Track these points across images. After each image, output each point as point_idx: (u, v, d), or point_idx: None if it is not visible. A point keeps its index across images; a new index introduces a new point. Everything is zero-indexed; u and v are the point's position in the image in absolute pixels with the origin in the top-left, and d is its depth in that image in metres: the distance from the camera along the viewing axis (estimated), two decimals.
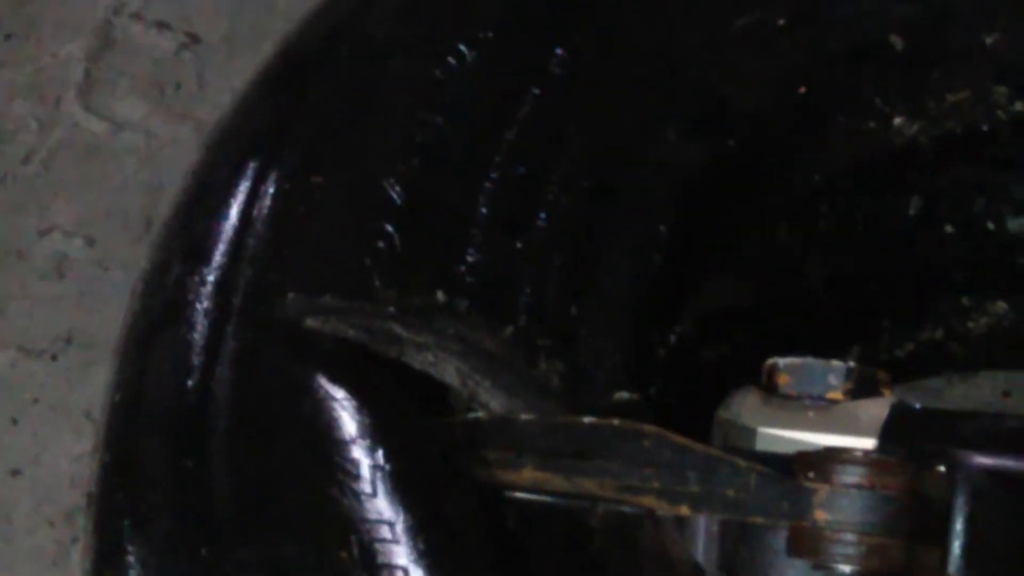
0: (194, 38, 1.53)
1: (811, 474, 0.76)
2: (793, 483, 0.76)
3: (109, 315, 1.38)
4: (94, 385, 1.34)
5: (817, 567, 0.75)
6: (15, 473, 1.29)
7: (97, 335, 1.37)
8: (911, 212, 1.17)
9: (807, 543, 0.75)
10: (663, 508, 0.78)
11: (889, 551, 0.75)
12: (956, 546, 0.75)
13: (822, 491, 0.75)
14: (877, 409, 0.83)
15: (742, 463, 0.77)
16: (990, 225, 1.18)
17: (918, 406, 0.84)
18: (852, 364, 0.84)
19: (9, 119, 1.49)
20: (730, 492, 0.77)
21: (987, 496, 0.76)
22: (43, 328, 1.37)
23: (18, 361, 1.35)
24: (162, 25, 1.53)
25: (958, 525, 0.75)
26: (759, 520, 0.76)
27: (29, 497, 1.28)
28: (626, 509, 0.83)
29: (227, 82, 1.50)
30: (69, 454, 1.30)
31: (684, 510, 0.78)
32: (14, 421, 1.31)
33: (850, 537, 0.75)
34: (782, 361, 0.84)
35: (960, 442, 0.78)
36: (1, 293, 1.39)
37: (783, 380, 0.84)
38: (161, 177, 1.46)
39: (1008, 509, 0.77)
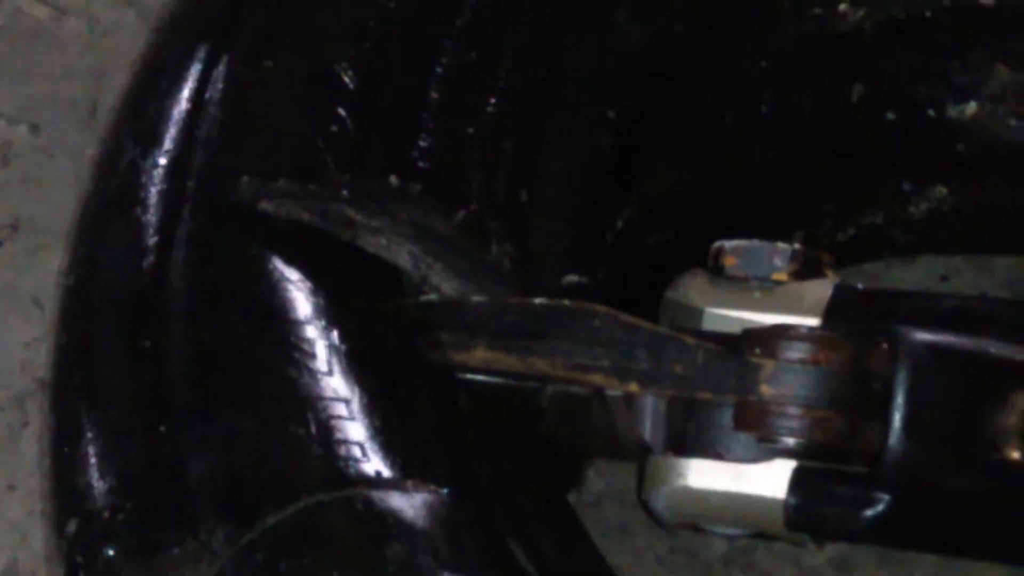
0: None
1: (757, 350, 0.78)
2: (740, 359, 0.78)
3: (56, 202, 1.38)
4: (42, 271, 1.33)
5: (762, 440, 0.78)
6: None
7: (44, 222, 1.37)
8: (853, 99, 1.19)
9: (753, 417, 0.78)
10: (613, 385, 0.80)
11: (832, 424, 0.77)
12: (897, 418, 0.78)
13: (768, 367, 0.77)
14: (821, 290, 0.85)
15: (690, 340, 0.79)
16: (931, 112, 1.20)
17: (860, 287, 0.86)
18: (797, 247, 0.86)
19: None
20: (678, 369, 0.79)
21: (927, 371, 0.79)
22: None
23: None
24: None
25: (899, 398, 0.78)
26: (707, 396, 0.78)
27: None
28: (576, 389, 0.85)
29: None
30: (18, 340, 1.31)
31: (633, 387, 0.80)
32: None
33: (794, 411, 0.77)
34: (728, 244, 0.86)
35: (901, 320, 0.81)
36: None
37: (729, 262, 0.86)
38: (105, 63, 1.46)
39: (946, 383, 0.79)
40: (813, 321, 0.82)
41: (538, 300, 0.82)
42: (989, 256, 1.29)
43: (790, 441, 0.77)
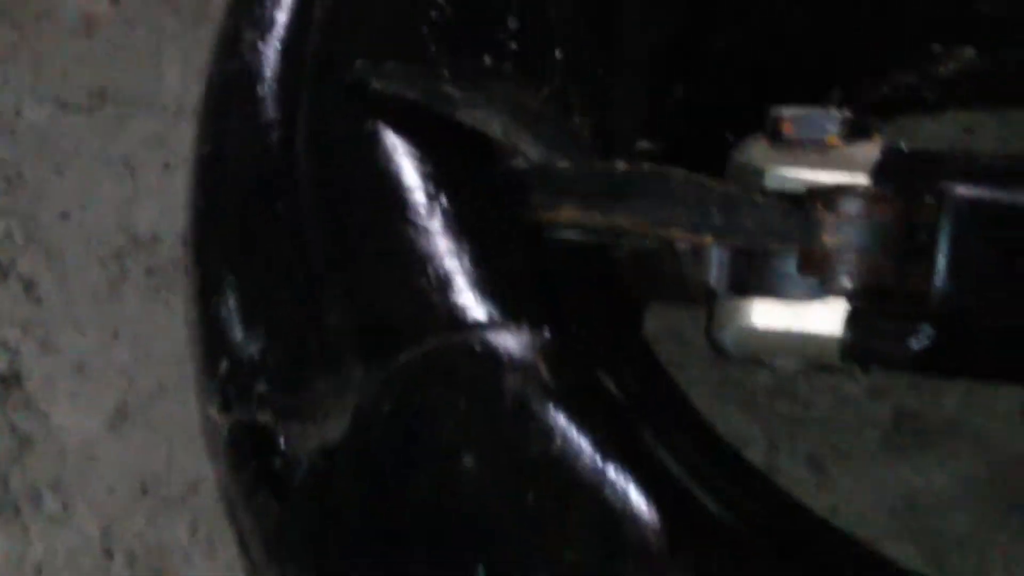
0: None
1: (818, 206, 0.89)
2: (803, 214, 0.89)
3: (139, 71, 1.48)
4: (130, 137, 1.44)
5: (823, 282, 0.89)
6: (64, 217, 1.40)
7: (129, 90, 1.46)
8: None
9: (816, 263, 0.89)
10: (689, 238, 0.91)
11: (884, 269, 0.89)
12: (941, 263, 0.89)
13: (828, 219, 0.89)
14: (870, 150, 0.95)
15: (759, 198, 0.90)
16: None
17: (904, 147, 0.97)
18: (847, 112, 0.96)
19: None
20: (749, 222, 0.90)
21: (967, 220, 0.90)
22: (77, 84, 1.47)
23: (56, 115, 1.45)
24: None
25: (942, 245, 0.89)
26: (775, 246, 0.90)
27: (79, 238, 1.39)
28: (649, 243, 0.96)
29: None
30: (114, 200, 1.42)
31: (707, 239, 0.91)
32: (58, 171, 1.42)
33: (850, 257, 0.88)
34: (786, 111, 0.97)
35: (943, 176, 0.92)
36: (35, 52, 1.48)
37: (787, 128, 0.96)
38: None
39: (984, 232, 0.90)
40: (863, 178, 0.93)
41: (620, 164, 0.93)
42: (1008, 110, 1.39)
43: (847, 282, 0.89)
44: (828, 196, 0.90)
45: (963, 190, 0.90)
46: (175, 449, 1.28)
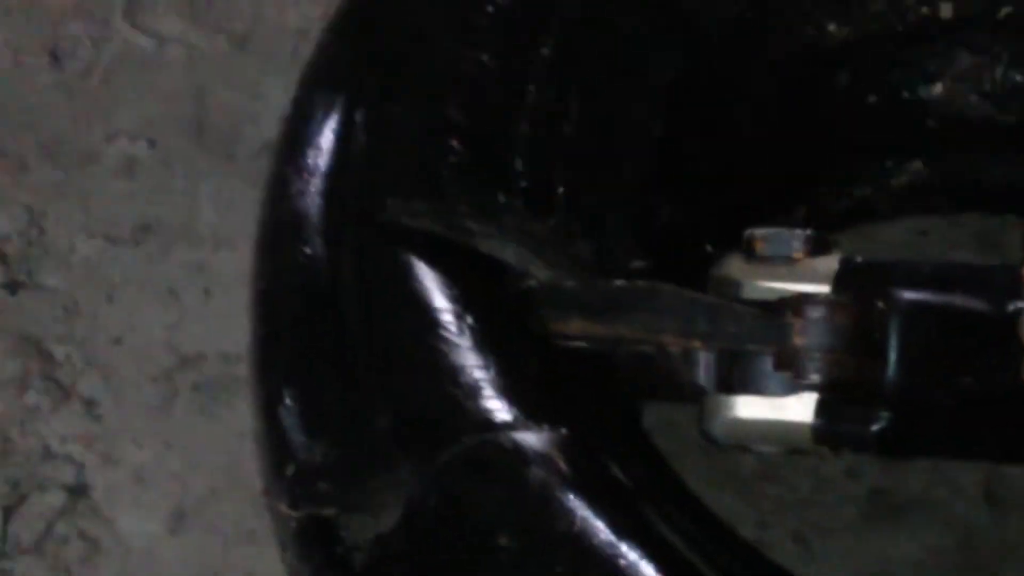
0: None
1: (788, 313, 1.06)
2: (777, 319, 1.05)
3: (178, 206, 1.62)
4: (174, 266, 1.57)
5: (795, 378, 1.05)
6: (117, 342, 1.54)
7: (170, 223, 1.60)
8: (840, 86, 1.44)
9: (788, 361, 1.05)
10: (680, 343, 1.06)
11: (845, 363, 1.04)
12: (892, 357, 1.05)
13: (797, 324, 1.05)
14: (830, 263, 1.12)
15: (739, 307, 1.06)
16: (905, 93, 1.45)
17: (859, 259, 1.13)
18: (810, 231, 1.13)
19: (66, 39, 1.71)
20: (731, 328, 1.06)
21: (912, 320, 1.07)
22: (123, 219, 1.61)
23: (106, 248, 1.60)
24: None
25: (892, 341, 1.06)
26: (753, 348, 1.05)
27: (131, 361, 1.53)
28: (646, 348, 1.11)
29: None
30: (161, 324, 1.56)
31: (696, 343, 1.06)
32: (110, 299, 1.57)
33: (818, 355, 1.04)
34: (758, 232, 1.13)
35: (892, 283, 1.08)
36: (84, 192, 1.63)
37: (759, 245, 1.12)
38: (205, 84, 1.68)
39: (927, 330, 1.07)
40: (825, 287, 1.09)
41: (618, 281, 1.09)
42: (956, 215, 1.55)
43: (815, 377, 1.05)
44: (796, 304, 1.06)
45: (908, 295, 1.07)
46: (229, 547, 1.43)
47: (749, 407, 1.10)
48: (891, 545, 1.42)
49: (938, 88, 1.42)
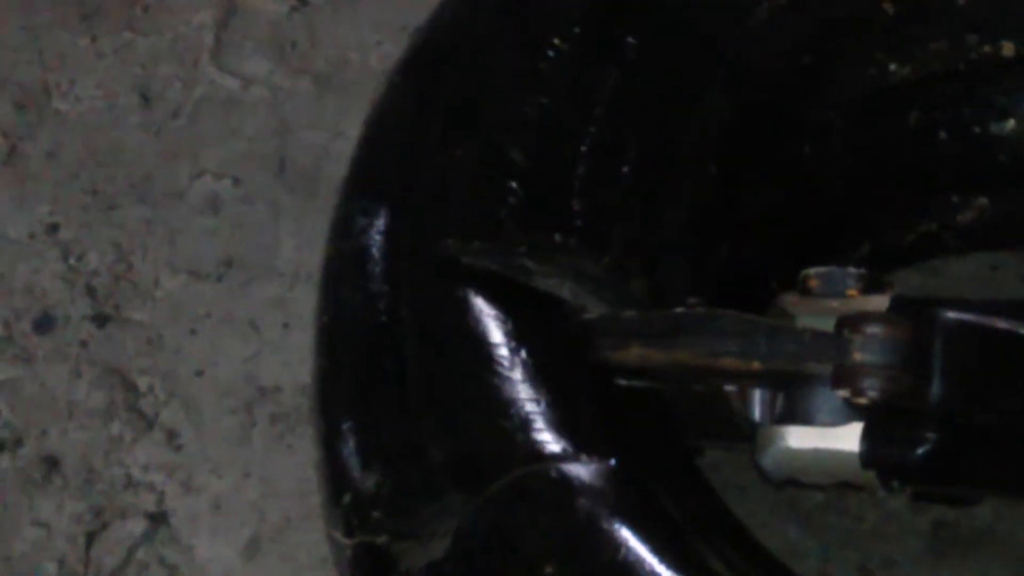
0: (303, 2, 1.81)
1: (846, 330, 1.08)
2: (836, 337, 1.08)
3: (260, 242, 1.66)
4: (254, 300, 1.62)
5: (853, 394, 1.07)
6: (199, 374, 1.59)
7: (251, 259, 1.64)
8: (911, 123, 1.46)
9: (847, 378, 1.07)
10: (740, 365, 1.08)
11: (901, 381, 1.07)
12: (937, 375, 1.08)
13: (857, 340, 1.07)
14: (882, 301, 1.14)
15: (798, 327, 1.08)
16: (976, 129, 1.46)
17: (910, 297, 1.15)
18: (864, 270, 1.15)
19: (157, 80, 1.77)
20: (791, 347, 1.08)
21: (959, 340, 1.09)
22: (206, 255, 1.66)
23: (189, 283, 1.65)
24: None
25: (937, 356, 1.08)
26: (812, 367, 1.07)
27: (212, 392, 1.57)
28: (701, 388, 1.14)
29: (334, 39, 1.78)
30: (241, 356, 1.60)
31: (756, 365, 1.08)
32: (192, 332, 1.62)
33: (876, 371, 1.06)
34: (813, 271, 1.15)
35: (938, 306, 1.11)
36: (170, 229, 1.67)
37: (814, 284, 1.15)
38: (288, 123, 1.72)
39: (973, 351, 1.09)
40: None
41: (678, 309, 1.11)
42: None
43: (873, 394, 1.06)
44: (854, 322, 1.09)
45: (954, 315, 1.09)
46: (302, 573, 1.47)
47: (800, 438, 1.12)
48: None
49: (1010, 124, 1.44)
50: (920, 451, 1.09)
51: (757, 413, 1.15)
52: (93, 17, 1.79)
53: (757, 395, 1.14)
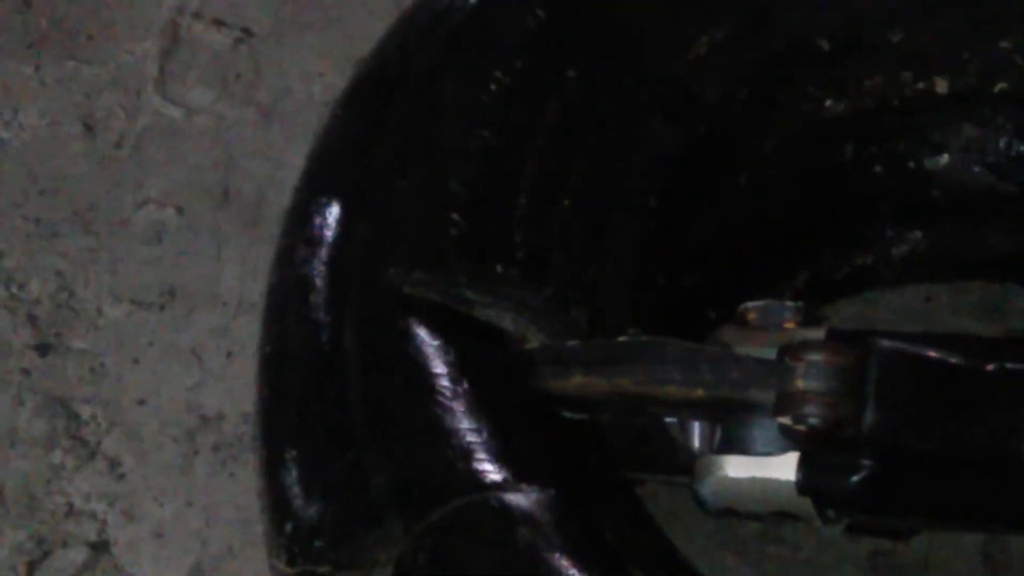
0: (247, 32, 1.82)
1: (787, 358, 1.10)
2: (779, 364, 1.10)
3: (203, 271, 1.67)
4: (197, 329, 1.63)
5: (795, 421, 1.08)
6: (141, 402, 1.59)
7: (195, 288, 1.65)
8: (846, 157, 1.48)
9: (789, 404, 1.08)
10: (684, 392, 1.09)
11: (839, 406, 1.08)
12: (871, 401, 1.10)
13: (799, 367, 1.09)
14: (818, 333, 1.16)
15: (741, 356, 1.10)
16: (911, 163, 1.49)
17: (845, 329, 1.17)
18: (800, 303, 1.17)
19: (101, 109, 1.78)
20: (734, 375, 1.09)
21: (892, 367, 1.11)
22: (150, 284, 1.66)
23: (132, 312, 1.65)
24: (219, 22, 1.83)
25: (870, 382, 1.10)
26: (756, 393, 1.09)
27: (155, 421, 1.58)
28: (641, 420, 1.15)
29: (278, 70, 1.80)
30: (184, 385, 1.61)
31: (699, 392, 1.09)
32: (135, 361, 1.62)
33: (818, 397, 1.08)
34: (751, 304, 1.17)
35: (873, 335, 1.12)
36: (112, 257, 1.68)
37: (752, 316, 1.17)
38: (232, 153, 1.74)
39: (906, 379, 1.11)
40: None
41: (620, 338, 1.13)
42: (958, 281, 1.58)
43: (815, 420, 1.08)
44: (794, 349, 1.11)
45: (887, 343, 1.11)
46: None
47: (738, 467, 1.14)
48: None
49: (944, 159, 1.46)
50: (855, 478, 1.11)
51: (696, 443, 1.16)
52: (37, 46, 1.80)
53: (696, 427, 1.16)
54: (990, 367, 1.10)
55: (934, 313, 1.58)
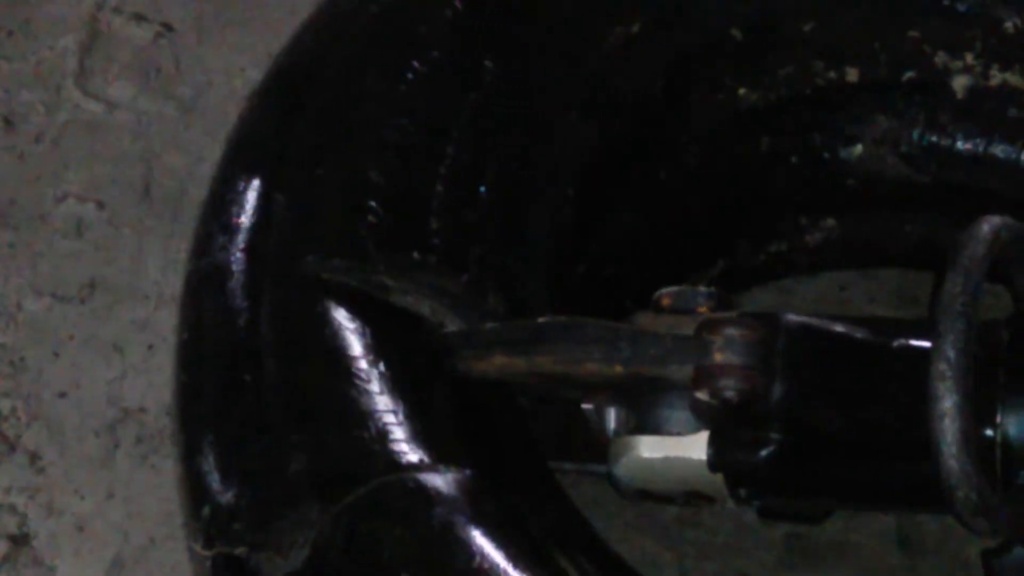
0: (168, 27, 1.82)
1: (705, 333, 1.11)
2: (697, 339, 1.11)
3: (124, 265, 1.67)
4: (118, 322, 1.63)
5: (712, 395, 1.10)
6: (62, 396, 1.59)
7: (115, 281, 1.65)
8: (763, 149, 1.50)
9: (707, 378, 1.10)
10: (603, 370, 1.10)
11: (755, 379, 1.10)
12: (779, 375, 1.11)
13: (718, 341, 1.10)
14: (731, 316, 1.17)
15: (660, 332, 1.11)
16: (826, 154, 1.51)
17: (758, 313, 1.19)
18: (712, 289, 1.19)
19: (20, 103, 1.77)
20: (653, 351, 1.10)
21: (799, 343, 1.13)
22: (70, 278, 1.66)
23: (53, 306, 1.65)
24: (139, 17, 1.82)
25: (779, 357, 1.12)
26: (675, 369, 1.10)
27: (76, 414, 1.57)
28: (560, 399, 1.16)
29: (199, 64, 1.80)
30: (105, 378, 1.60)
31: (619, 368, 1.10)
32: (56, 354, 1.62)
33: (736, 371, 1.10)
34: (666, 290, 1.18)
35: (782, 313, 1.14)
36: (33, 252, 1.67)
37: (667, 302, 1.18)
38: (153, 147, 1.74)
39: (813, 354, 1.13)
40: None
41: (540, 318, 1.13)
42: (872, 269, 1.61)
43: (731, 393, 1.09)
44: (712, 325, 1.13)
45: (795, 318, 1.14)
46: None
47: (651, 447, 1.15)
48: None
49: (858, 149, 1.48)
50: (763, 453, 1.12)
51: (612, 426, 1.18)
52: None
53: (612, 411, 1.17)
54: (896, 344, 1.12)
55: (849, 301, 1.60)
